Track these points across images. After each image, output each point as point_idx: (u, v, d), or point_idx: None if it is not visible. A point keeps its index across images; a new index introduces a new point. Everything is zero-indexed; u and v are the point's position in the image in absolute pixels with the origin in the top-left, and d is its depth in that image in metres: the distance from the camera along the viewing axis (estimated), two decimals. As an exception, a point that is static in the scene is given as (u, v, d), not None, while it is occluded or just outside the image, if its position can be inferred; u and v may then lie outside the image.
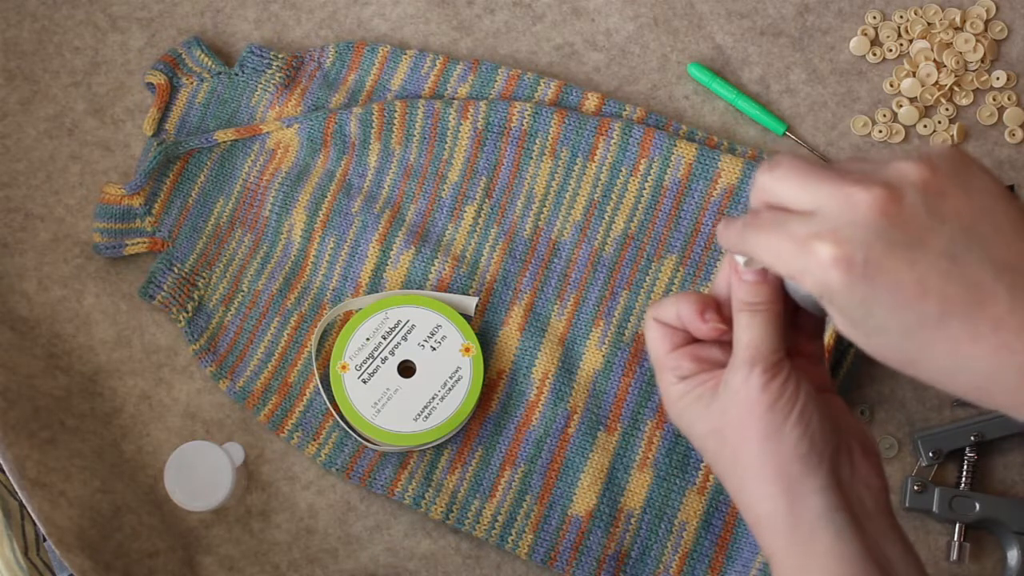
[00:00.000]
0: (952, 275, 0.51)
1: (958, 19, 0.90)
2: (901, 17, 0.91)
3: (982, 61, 0.90)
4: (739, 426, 0.58)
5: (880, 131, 0.88)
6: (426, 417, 0.81)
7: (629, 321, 0.83)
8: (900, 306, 0.51)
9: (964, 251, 0.51)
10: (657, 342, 0.62)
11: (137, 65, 0.91)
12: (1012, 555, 0.80)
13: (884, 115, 0.89)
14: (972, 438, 0.81)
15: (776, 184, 0.56)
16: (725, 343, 0.61)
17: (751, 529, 0.60)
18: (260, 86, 0.89)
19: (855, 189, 0.52)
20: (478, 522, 0.81)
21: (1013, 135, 0.88)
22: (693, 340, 0.62)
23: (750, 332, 0.58)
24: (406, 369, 0.82)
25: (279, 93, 0.89)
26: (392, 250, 0.85)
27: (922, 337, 0.51)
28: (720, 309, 0.61)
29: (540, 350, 0.83)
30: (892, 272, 0.51)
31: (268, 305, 0.85)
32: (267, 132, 0.88)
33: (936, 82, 0.89)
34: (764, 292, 0.58)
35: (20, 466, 0.76)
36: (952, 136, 0.88)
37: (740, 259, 0.58)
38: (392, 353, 0.82)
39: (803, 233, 0.53)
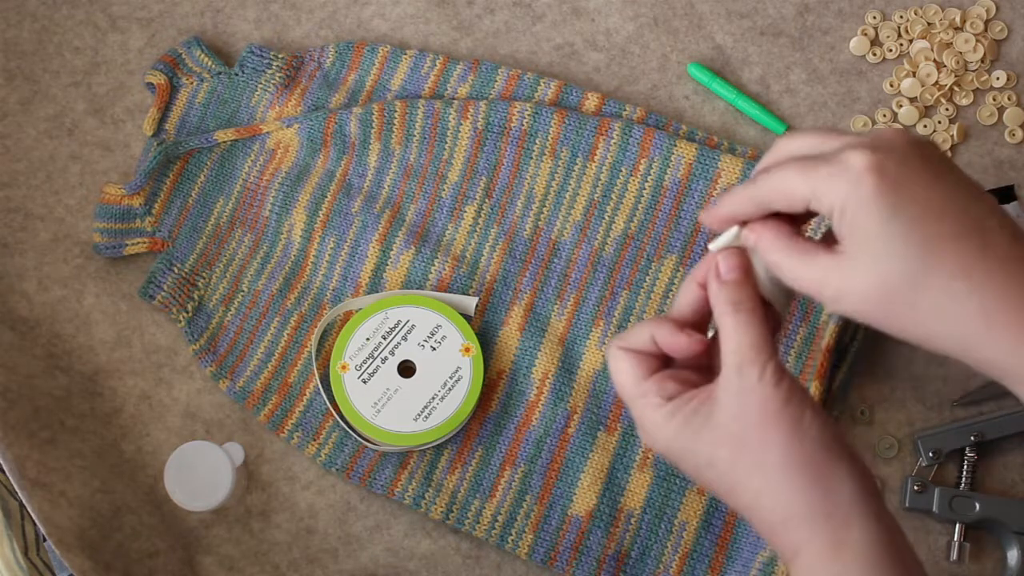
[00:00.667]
0: (969, 202, 0.55)
1: (958, 19, 0.90)
2: (901, 17, 0.91)
3: (982, 61, 0.90)
4: (759, 426, 0.58)
5: (880, 131, 0.88)
6: (426, 417, 0.81)
7: (629, 321, 0.83)
8: (920, 220, 0.54)
9: (975, 196, 0.55)
10: (630, 371, 0.61)
11: (137, 65, 0.91)
12: (1012, 555, 0.80)
13: (884, 115, 0.89)
14: (972, 438, 0.81)
15: (801, 136, 0.58)
16: (697, 365, 0.62)
17: (771, 532, 0.59)
18: (260, 86, 0.89)
19: (881, 128, 0.55)
20: (478, 522, 0.81)
21: (1013, 135, 0.88)
22: (665, 366, 0.62)
23: (748, 331, 0.58)
24: (406, 369, 0.82)
25: (279, 93, 0.89)
26: (392, 250, 0.85)
27: (929, 261, 0.54)
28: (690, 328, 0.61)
29: (540, 350, 0.83)
30: (921, 187, 0.54)
31: (268, 305, 0.85)
32: (267, 132, 0.88)
33: (936, 82, 0.89)
34: (748, 289, 0.59)
35: (20, 466, 0.76)
36: (952, 136, 0.88)
37: (720, 243, 0.59)
38: (392, 353, 0.82)
39: (836, 145, 0.56)
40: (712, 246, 0.61)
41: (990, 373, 0.56)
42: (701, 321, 0.62)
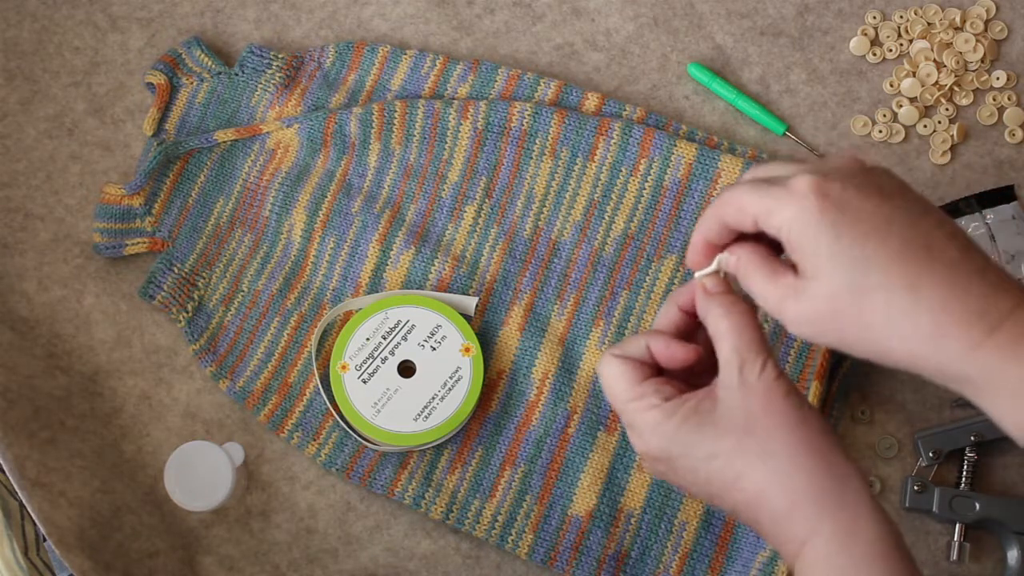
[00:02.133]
0: (917, 218, 0.57)
1: (958, 19, 0.90)
2: (901, 17, 0.91)
3: (982, 61, 0.90)
4: (765, 416, 0.59)
5: (880, 131, 0.88)
6: (426, 417, 0.81)
7: (629, 321, 0.83)
8: (864, 237, 0.56)
9: (922, 213, 0.57)
10: (625, 377, 0.63)
11: (137, 65, 0.91)
12: (1012, 555, 0.80)
13: (884, 115, 0.89)
14: (972, 438, 0.81)
15: (766, 164, 0.61)
16: (684, 378, 0.64)
17: (775, 524, 0.59)
18: (260, 86, 0.89)
19: (834, 155, 0.58)
20: (478, 522, 0.81)
21: (1013, 135, 0.88)
22: (657, 374, 0.64)
23: (744, 332, 0.60)
24: (406, 369, 0.82)
25: (279, 93, 0.89)
26: (392, 250, 0.85)
27: (874, 277, 0.55)
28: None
29: (540, 350, 0.83)
30: (865, 207, 0.56)
31: (268, 305, 0.85)
32: (267, 132, 0.88)
33: (936, 82, 0.89)
34: (736, 297, 0.61)
35: (20, 466, 0.76)
36: (952, 136, 0.88)
37: (705, 272, 0.63)
38: (392, 353, 0.82)
39: (784, 173, 0.59)
40: (697, 275, 0.64)
41: (945, 383, 0.57)
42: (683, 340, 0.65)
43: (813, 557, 0.58)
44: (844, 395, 0.83)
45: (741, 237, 0.62)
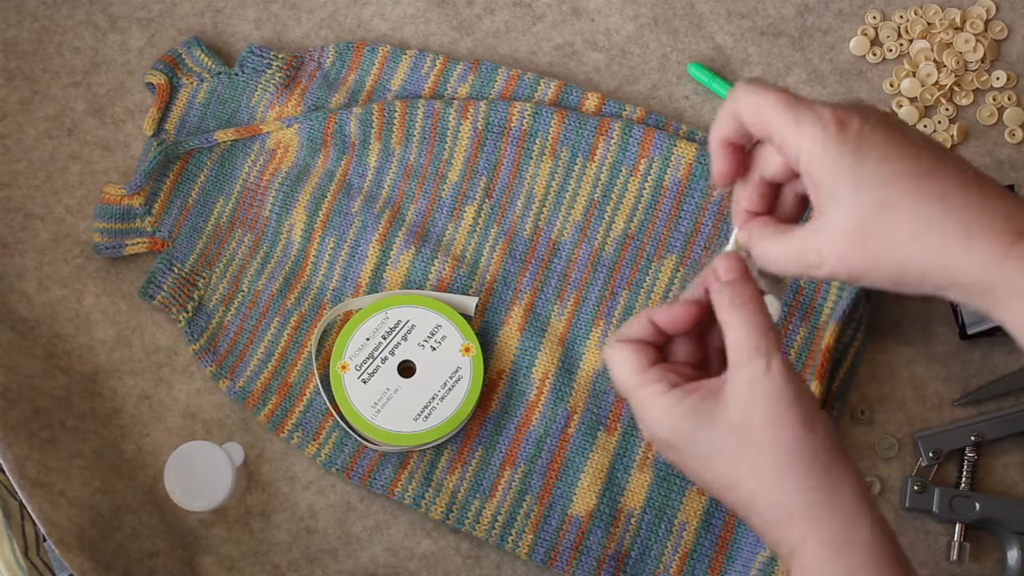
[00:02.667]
0: (936, 148, 0.57)
1: (958, 19, 0.90)
2: (901, 17, 0.91)
3: (982, 61, 0.90)
4: (767, 420, 0.57)
5: (880, 131, 0.88)
6: (426, 417, 0.81)
7: (629, 321, 0.83)
8: (888, 159, 0.56)
9: (940, 145, 0.57)
10: (630, 362, 0.62)
11: (137, 65, 0.91)
12: (1012, 555, 0.80)
13: (884, 115, 0.89)
14: (972, 438, 0.81)
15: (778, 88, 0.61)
16: (695, 363, 0.63)
17: (769, 528, 0.59)
18: (260, 86, 0.89)
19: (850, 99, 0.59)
20: (478, 522, 0.81)
21: (1013, 135, 0.88)
22: (663, 360, 0.62)
23: (751, 325, 0.59)
24: (406, 369, 0.82)
25: (279, 93, 0.89)
26: (392, 250, 0.85)
27: (902, 190, 0.55)
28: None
29: (540, 350, 0.83)
30: (886, 137, 0.56)
31: (268, 305, 0.85)
32: (267, 132, 0.88)
33: (936, 82, 0.89)
34: (747, 287, 0.60)
35: (20, 466, 0.76)
36: (952, 136, 0.88)
37: (727, 248, 0.61)
38: (392, 353, 0.82)
39: (808, 100, 0.57)
40: (726, 250, 0.62)
41: (968, 298, 0.56)
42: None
43: (804, 564, 0.57)
44: (844, 395, 0.83)
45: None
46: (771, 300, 0.62)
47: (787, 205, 0.62)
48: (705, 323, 0.63)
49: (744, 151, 0.61)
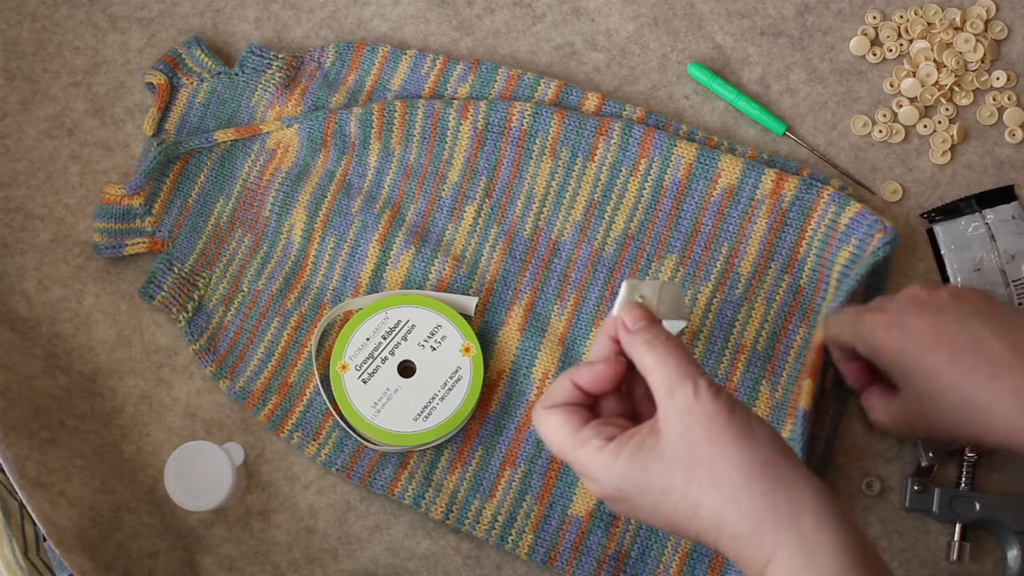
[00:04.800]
0: (960, 332, 0.67)
1: (958, 19, 0.90)
2: (901, 17, 0.91)
3: (982, 61, 0.90)
4: (709, 441, 0.59)
5: (880, 131, 0.88)
6: (426, 417, 0.81)
7: (629, 321, 0.83)
8: (922, 353, 0.67)
9: (973, 318, 0.67)
10: (564, 425, 0.63)
11: (137, 65, 0.91)
12: (1012, 555, 0.80)
13: (884, 115, 0.89)
14: (972, 438, 0.81)
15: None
16: (625, 415, 0.65)
17: (739, 547, 0.59)
18: (260, 86, 0.89)
19: (904, 290, 0.72)
20: (478, 522, 0.81)
21: (1013, 135, 0.88)
22: (594, 417, 0.64)
23: (669, 360, 0.61)
24: (406, 369, 0.82)
25: (279, 93, 0.89)
26: (392, 250, 0.85)
27: (937, 380, 0.66)
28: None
29: (540, 350, 0.83)
30: (917, 328, 0.68)
31: (268, 305, 0.85)
32: (267, 132, 0.88)
33: (936, 82, 0.89)
34: (657, 329, 0.63)
35: (20, 466, 0.76)
36: (952, 136, 0.88)
37: (619, 304, 0.65)
38: (392, 353, 0.82)
39: (861, 311, 0.71)
40: (614, 311, 0.65)
41: None
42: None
43: (779, 573, 0.57)
44: (844, 397, 0.83)
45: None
46: (675, 324, 0.68)
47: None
48: (627, 377, 0.65)
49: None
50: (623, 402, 0.66)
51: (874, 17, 0.91)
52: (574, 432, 0.63)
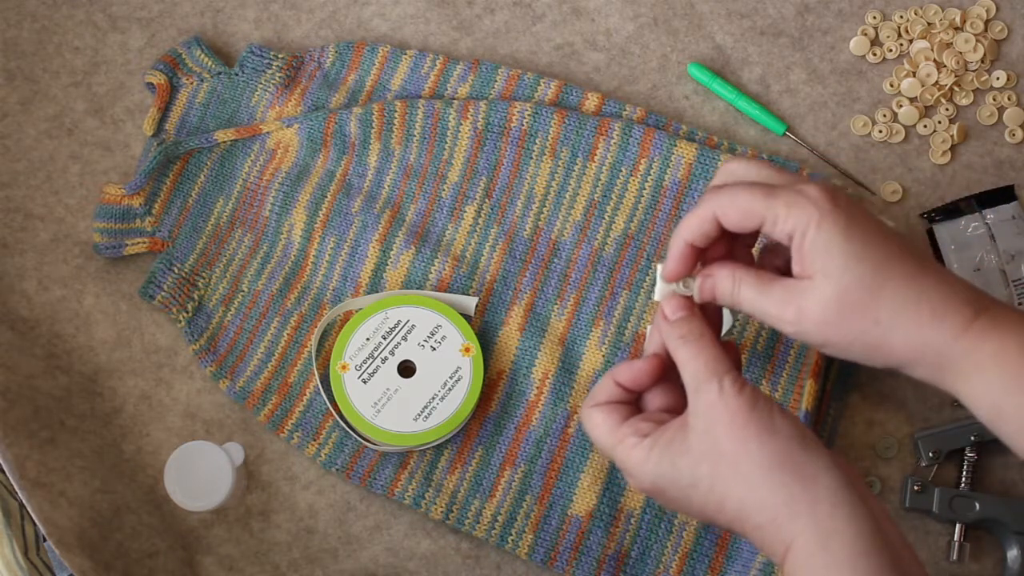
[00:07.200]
0: (892, 232, 0.63)
1: (958, 19, 0.90)
2: (901, 17, 0.91)
3: (982, 61, 0.90)
4: (731, 435, 0.61)
5: (880, 131, 0.88)
6: (426, 417, 0.81)
7: (629, 321, 0.83)
8: (871, 242, 0.62)
9: (894, 229, 0.65)
10: (605, 422, 0.66)
11: (137, 65, 0.91)
12: (1012, 555, 0.80)
13: (884, 115, 0.89)
14: (972, 438, 0.81)
15: (748, 164, 0.66)
16: (669, 408, 0.67)
17: (762, 536, 0.61)
18: (260, 86, 0.89)
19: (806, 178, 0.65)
20: (478, 522, 0.81)
21: (1013, 135, 0.88)
22: (637, 412, 0.66)
23: (699, 356, 0.63)
24: (406, 369, 0.82)
25: (279, 93, 0.89)
26: (392, 250, 0.85)
27: (883, 273, 0.61)
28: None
29: (540, 350, 0.83)
30: (866, 218, 0.63)
31: (268, 305, 0.85)
32: (267, 132, 0.88)
33: (936, 82, 0.89)
34: (693, 323, 0.65)
35: (20, 466, 0.76)
36: (952, 136, 0.88)
37: (663, 291, 0.66)
38: (392, 353, 0.82)
39: (788, 180, 0.64)
40: (657, 296, 0.67)
41: (934, 375, 0.62)
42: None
43: (796, 560, 0.59)
44: (844, 396, 0.83)
45: (710, 254, 0.67)
46: (724, 312, 0.68)
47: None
48: (671, 370, 0.67)
49: (700, 252, 0.67)
50: (668, 394, 0.68)
51: (874, 17, 0.91)
52: (613, 430, 0.65)
